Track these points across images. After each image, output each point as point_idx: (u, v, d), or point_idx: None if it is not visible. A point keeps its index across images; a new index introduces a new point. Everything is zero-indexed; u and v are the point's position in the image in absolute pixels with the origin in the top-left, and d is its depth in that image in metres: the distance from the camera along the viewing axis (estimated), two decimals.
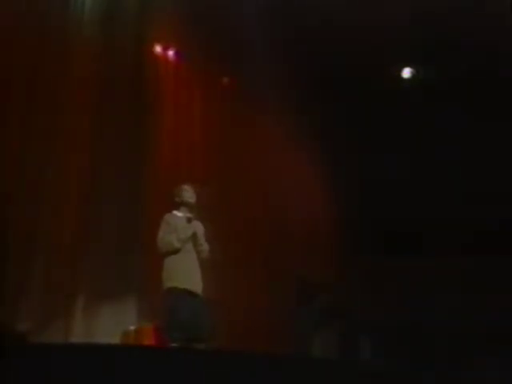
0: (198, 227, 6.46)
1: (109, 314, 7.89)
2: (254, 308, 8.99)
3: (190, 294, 6.22)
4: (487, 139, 10.15)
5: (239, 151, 9.96)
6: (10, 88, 7.41)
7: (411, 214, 10.63)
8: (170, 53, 9.42)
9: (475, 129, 10.04)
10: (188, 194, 6.52)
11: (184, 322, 6.02)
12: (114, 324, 7.76)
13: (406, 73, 10.49)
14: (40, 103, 7.66)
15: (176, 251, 6.29)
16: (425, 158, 10.54)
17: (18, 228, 7.24)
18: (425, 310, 9.93)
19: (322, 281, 9.45)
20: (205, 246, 6.45)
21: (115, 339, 7.31)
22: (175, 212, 6.49)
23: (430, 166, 10.56)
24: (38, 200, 7.54)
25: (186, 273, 6.27)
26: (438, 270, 10.37)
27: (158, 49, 9.25)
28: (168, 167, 8.88)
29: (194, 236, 6.38)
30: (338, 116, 10.27)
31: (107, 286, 7.88)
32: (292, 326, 8.98)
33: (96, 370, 4.24)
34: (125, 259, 8.05)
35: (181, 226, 6.35)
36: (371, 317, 9.53)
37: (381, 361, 8.82)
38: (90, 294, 7.77)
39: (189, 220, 6.38)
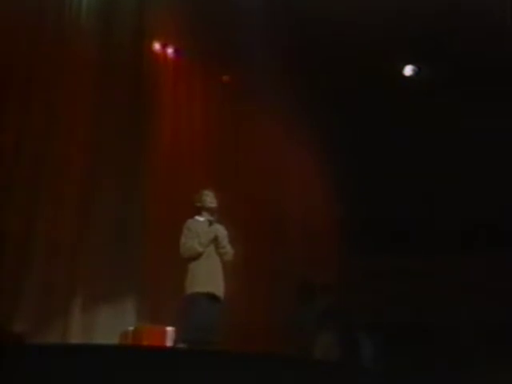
0: (220, 230, 6.49)
1: (107, 315, 7.86)
2: (254, 308, 8.98)
3: (212, 297, 6.27)
4: (487, 138, 10.14)
5: (239, 151, 9.94)
6: (8, 86, 7.39)
7: (411, 213, 10.63)
8: (170, 50, 9.40)
9: (475, 128, 10.02)
10: (209, 198, 6.56)
11: (202, 327, 6.05)
12: (112, 324, 7.74)
13: (407, 71, 10.48)
14: (38, 101, 7.63)
15: (199, 255, 6.32)
16: (425, 157, 10.52)
17: (18, 228, 7.22)
18: (425, 309, 9.92)
19: (322, 281, 9.44)
20: (228, 249, 6.49)
21: (114, 340, 7.28)
22: (197, 217, 6.52)
23: (431, 166, 10.55)
24: (37, 200, 7.52)
25: (208, 277, 6.30)
26: (438, 270, 10.37)
27: (157, 46, 9.22)
28: (168, 165, 8.86)
29: (216, 239, 6.41)
30: (337, 116, 10.25)
31: (106, 286, 7.85)
32: (292, 326, 8.96)
33: (95, 370, 4.23)
34: (124, 259, 8.02)
35: (202, 230, 6.39)
36: (371, 317, 9.51)
37: (381, 361, 8.80)
38: (89, 294, 7.74)
39: (210, 223, 6.42)
